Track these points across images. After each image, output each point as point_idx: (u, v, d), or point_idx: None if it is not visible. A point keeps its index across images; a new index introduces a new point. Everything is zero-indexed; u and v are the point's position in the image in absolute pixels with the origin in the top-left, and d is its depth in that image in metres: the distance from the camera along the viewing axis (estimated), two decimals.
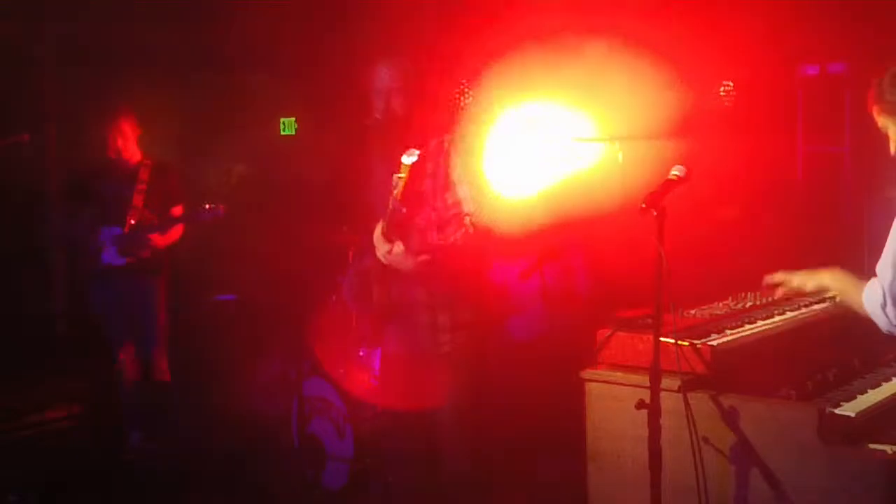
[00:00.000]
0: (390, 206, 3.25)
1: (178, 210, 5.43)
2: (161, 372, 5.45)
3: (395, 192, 3.23)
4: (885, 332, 2.64)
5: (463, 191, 3.31)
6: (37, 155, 6.27)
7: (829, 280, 2.89)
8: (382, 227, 3.27)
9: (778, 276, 3.08)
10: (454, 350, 3.37)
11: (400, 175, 3.22)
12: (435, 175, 3.33)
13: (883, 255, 2.62)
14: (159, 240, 5.31)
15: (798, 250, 5.89)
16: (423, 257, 3.27)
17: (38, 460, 5.26)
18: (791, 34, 6.29)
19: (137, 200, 5.30)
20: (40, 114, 6.31)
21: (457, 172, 3.32)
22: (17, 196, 6.51)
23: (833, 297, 3.02)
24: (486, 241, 3.34)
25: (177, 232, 5.41)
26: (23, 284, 6.49)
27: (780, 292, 3.11)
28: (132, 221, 5.26)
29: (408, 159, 3.23)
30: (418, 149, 3.31)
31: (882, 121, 2.67)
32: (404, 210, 3.29)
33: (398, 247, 3.24)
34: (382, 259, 3.31)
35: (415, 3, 6.27)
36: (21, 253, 6.52)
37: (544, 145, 5.97)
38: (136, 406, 5.43)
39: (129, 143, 5.37)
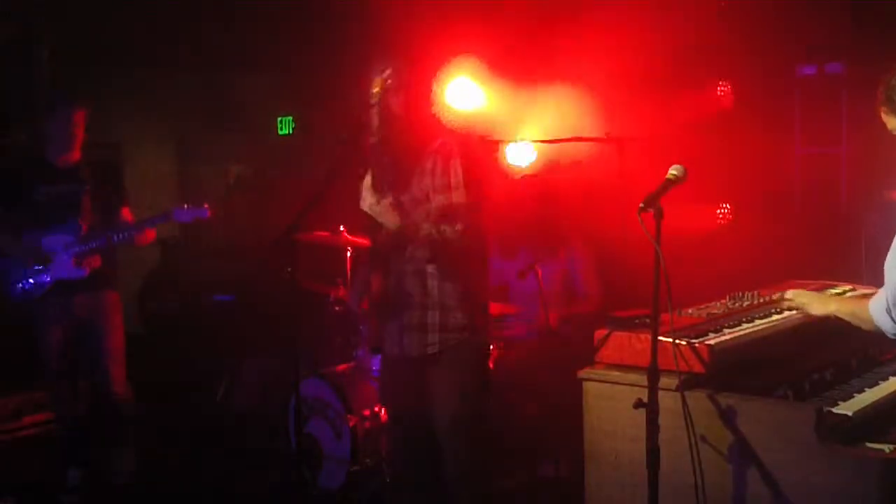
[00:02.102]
0: (373, 140, 3.17)
1: (126, 212, 4.80)
2: (124, 394, 4.81)
3: (374, 110, 3.15)
4: (892, 336, 2.71)
5: (459, 196, 3.30)
6: (34, 154, 6.26)
7: (837, 307, 3.00)
8: (372, 177, 3.18)
9: (790, 294, 3.15)
10: (443, 351, 3.36)
11: (374, 91, 3.14)
12: (433, 173, 3.33)
13: (888, 260, 2.65)
14: (150, 234, 4.72)
15: (795, 250, 5.90)
16: (410, 218, 3.24)
17: (34, 462, 5.25)
18: (788, 34, 6.30)
19: (89, 202, 4.65)
20: (38, 114, 6.30)
21: (458, 177, 3.31)
22: None
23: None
24: (475, 246, 3.33)
25: (151, 234, 4.81)
26: None
27: (785, 304, 3.17)
28: (85, 227, 4.60)
29: (383, 75, 3.17)
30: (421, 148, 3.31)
31: (892, 122, 2.67)
32: (384, 132, 3.25)
33: (386, 199, 3.17)
34: (367, 209, 3.23)
35: (412, 1, 6.28)
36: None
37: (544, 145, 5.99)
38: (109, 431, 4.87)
39: (80, 136, 4.73)
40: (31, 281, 4.61)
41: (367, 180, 3.20)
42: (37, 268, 4.60)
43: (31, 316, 4.71)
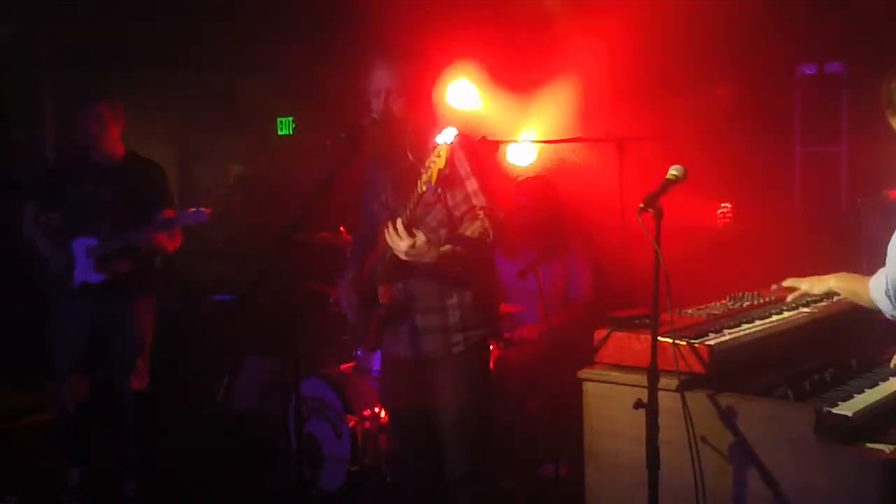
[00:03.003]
0: (420, 190, 3.09)
1: (167, 214, 4.62)
2: (133, 403, 4.71)
3: (426, 174, 3.01)
4: (889, 317, 2.75)
5: (472, 185, 3.30)
6: (34, 155, 6.27)
7: (836, 283, 3.03)
8: (404, 221, 3.10)
9: (786, 283, 3.17)
10: (466, 350, 3.37)
11: (437, 156, 3.01)
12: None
13: (890, 244, 2.66)
14: (164, 239, 4.63)
15: (795, 250, 5.90)
16: (447, 248, 3.20)
17: (35, 461, 5.26)
18: (788, 34, 6.30)
19: (118, 204, 4.55)
20: (38, 114, 6.31)
21: (465, 168, 3.31)
22: (13, 196, 6.51)
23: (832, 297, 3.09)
24: (501, 234, 3.31)
25: (168, 240, 4.68)
26: (19, 284, 6.48)
27: (789, 298, 3.19)
28: (108, 228, 4.52)
29: (444, 138, 3.00)
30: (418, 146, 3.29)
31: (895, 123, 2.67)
32: (439, 191, 3.16)
33: (420, 238, 3.11)
34: (402, 256, 3.13)
35: (411, 2, 6.28)
36: (17, 252, 6.51)
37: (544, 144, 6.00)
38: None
39: (107, 132, 4.59)
40: (63, 282, 4.60)
41: (399, 225, 3.08)
42: (68, 270, 4.58)
43: (50, 314, 4.70)
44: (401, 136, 3.32)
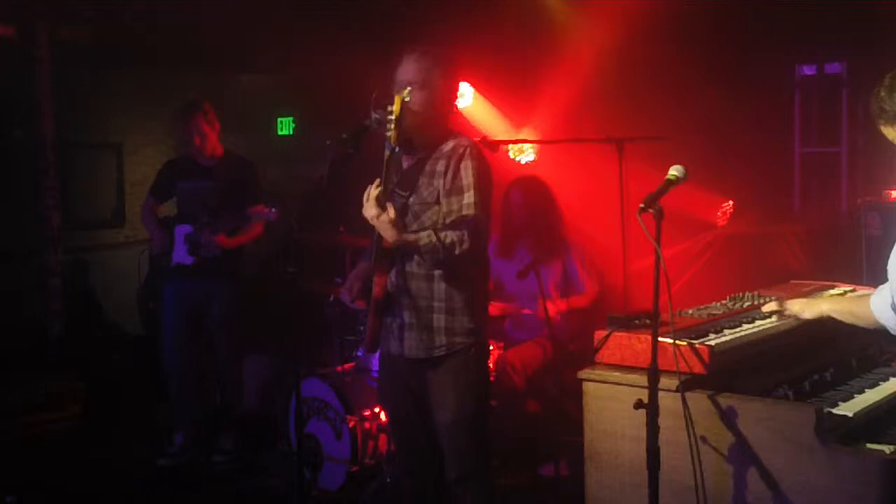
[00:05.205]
0: (386, 155, 3.11)
1: (261, 208, 5.03)
2: (230, 376, 5.46)
3: (388, 133, 3.10)
4: (895, 333, 2.70)
5: (469, 197, 3.30)
6: (34, 154, 6.27)
7: (829, 307, 2.96)
8: (378, 188, 3.13)
9: (771, 306, 3.11)
10: (448, 354, 3.37)
11: (391, 111, 3.08)
12: (445, 176, 3.32)
13: (891, 259, 2.62)
14: (225, 241, 5.10)
15: (795, 250, 5.91)
16: (411, 237, 3.20)
17: (35, 461, 5.25)
18: (788, 34, 6.30)
19: (214, 198, 5.13)
20: (38, 114, 6.30)
21: (469, 180, 3.30)
22: (13, 195, 6.51)
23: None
24: (476, 245, 3.30)
25: (248, 233, 5.18)
26: (20, 283, 6.49)
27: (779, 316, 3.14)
28: (204, 219, 5.10)
29: (402, 94, 3.13)
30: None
31: (888, 132, 2.63)
32: (397, 149, 3.21)
33: (387, 214, 3.14)
34: (370, 220, 3.19)
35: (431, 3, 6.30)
36: (18, 252, 6.52)
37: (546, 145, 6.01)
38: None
39: (207, 135, 5.19)
40: (161, 261, 5.29)
41: (373, 192, 3.14)
42: (166, 252, 5.25)
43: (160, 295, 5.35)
44: (415, 129, 3.30)
